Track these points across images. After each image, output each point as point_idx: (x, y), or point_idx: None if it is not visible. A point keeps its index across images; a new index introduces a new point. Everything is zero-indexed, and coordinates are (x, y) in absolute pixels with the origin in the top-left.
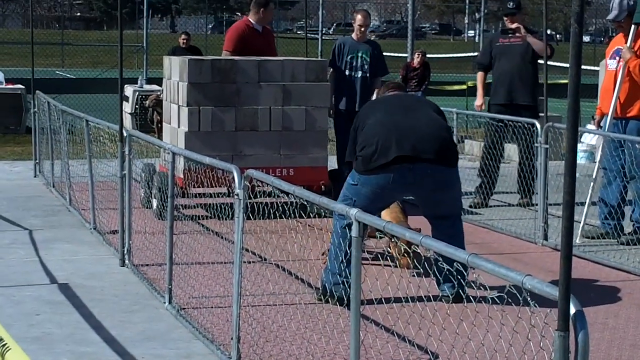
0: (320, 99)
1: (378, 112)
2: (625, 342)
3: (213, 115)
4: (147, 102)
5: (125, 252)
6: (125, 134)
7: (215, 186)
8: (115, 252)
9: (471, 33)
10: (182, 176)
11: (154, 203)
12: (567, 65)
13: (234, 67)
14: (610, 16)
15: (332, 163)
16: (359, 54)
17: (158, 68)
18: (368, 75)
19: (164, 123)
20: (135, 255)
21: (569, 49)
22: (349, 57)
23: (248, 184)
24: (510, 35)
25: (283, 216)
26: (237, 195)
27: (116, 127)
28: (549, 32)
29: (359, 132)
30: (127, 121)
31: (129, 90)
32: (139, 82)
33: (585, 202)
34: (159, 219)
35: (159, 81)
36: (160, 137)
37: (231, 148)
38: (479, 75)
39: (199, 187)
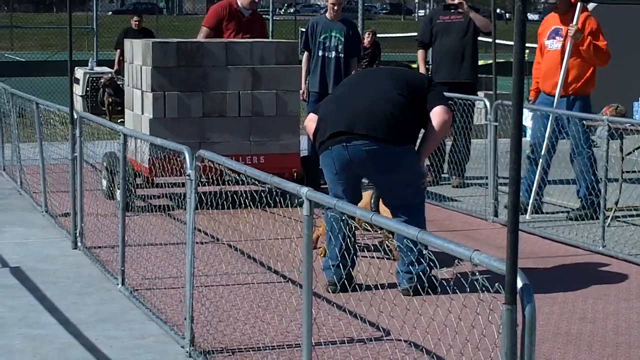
0: (291, 82)
1: (335, 90)
2: (574, 316)
3: (179, 101)
4: (102, 80)
5: (78, 234)
6: (75, 116)
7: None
8: (67, 235)
9: (422, 12)
10: (147, 165)
11: (117, 194)
12: None
13: (200, 50)
14: None
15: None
16: (333, 34)
17: (108, 50)
18: (342, 55)
19: (126, 109)
20: (88, 237)
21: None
22: (322, 37)
23: (199, 164)
24: (452, 11)
25: (249, 204)
26: (189, 175)
27: (66, 109)
28: (498, 10)
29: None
30: (78, 104)
31: (79, 72)
32: (89, 64)
33: (535, 179)
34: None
35: (109, 63)
36: (111, 118)
37: (198, 135)
38: (420, 53)
39: (166, 175)
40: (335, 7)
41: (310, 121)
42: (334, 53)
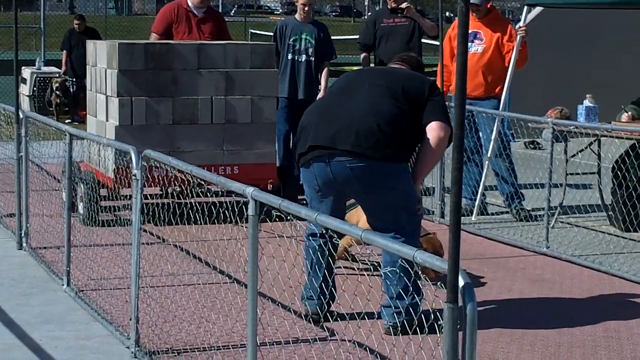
0: (267, 87)
1: (331, 89)
2: (517, 316)
3: (147, 107)
4: (57, 84)
5: (23, 235)
6: (21, 116)
7: (151, 186)
8: (12, 235)
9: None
10: (111, 176)
11: (80, 207)
12: None
13: (170, 52)
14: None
15: None
16: (303, 36)
17: (56, 50)
18: (313, 59)
19: (88, 115)
20: (33, 238)
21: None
22: (291, 39)
23: (146, 164)
24: (399, 14)
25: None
26: (135, 175)
27: (12, 108)
28: (447, 14)
29: None
30: (25, 103)
31: (26, 72)
32: (36, 64)
33: (481, 181)
34: (86, 225)
35: (57, 63)
36: (58, 119)
37: (168, 144)
38: (364, 56)
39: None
40: (306, 8)
41: None
42: (304, 56)
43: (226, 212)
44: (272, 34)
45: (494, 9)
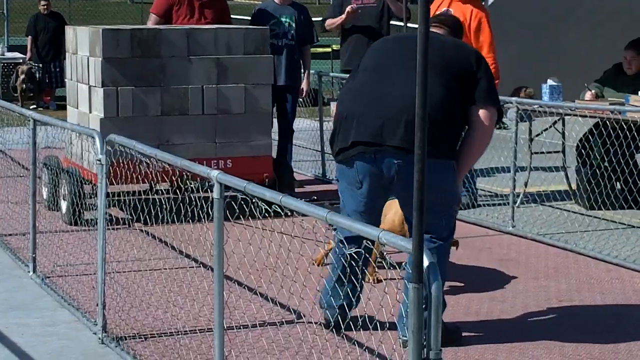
0: (262, 74)
1: (362, 67)
2: (484, 295)
3: (134, 97)
4: (24, 73)
5: None
6: None
7: (142, 182)
8: None
9: None
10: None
11: (64, 206)
12: None
13: (157, 38)
14: None
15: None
16: (283, 19)
17: (20, 35)
18: (295, 43)
19: (68, 107)
20: None
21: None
22: (270, 23)
23: (110, 149)
24: None
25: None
26: (100, 160)
27: None
28: None
29: None
30: None
31: None
32: (0, 49)
33: None
34: (71, 224)
35: (21, 49)
36: (23, 104)
37: (157, 137)
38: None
39: (119, 184)
40: None
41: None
42: (284, 40)
43: (191, 196)
44: (249, 18)
45: None
